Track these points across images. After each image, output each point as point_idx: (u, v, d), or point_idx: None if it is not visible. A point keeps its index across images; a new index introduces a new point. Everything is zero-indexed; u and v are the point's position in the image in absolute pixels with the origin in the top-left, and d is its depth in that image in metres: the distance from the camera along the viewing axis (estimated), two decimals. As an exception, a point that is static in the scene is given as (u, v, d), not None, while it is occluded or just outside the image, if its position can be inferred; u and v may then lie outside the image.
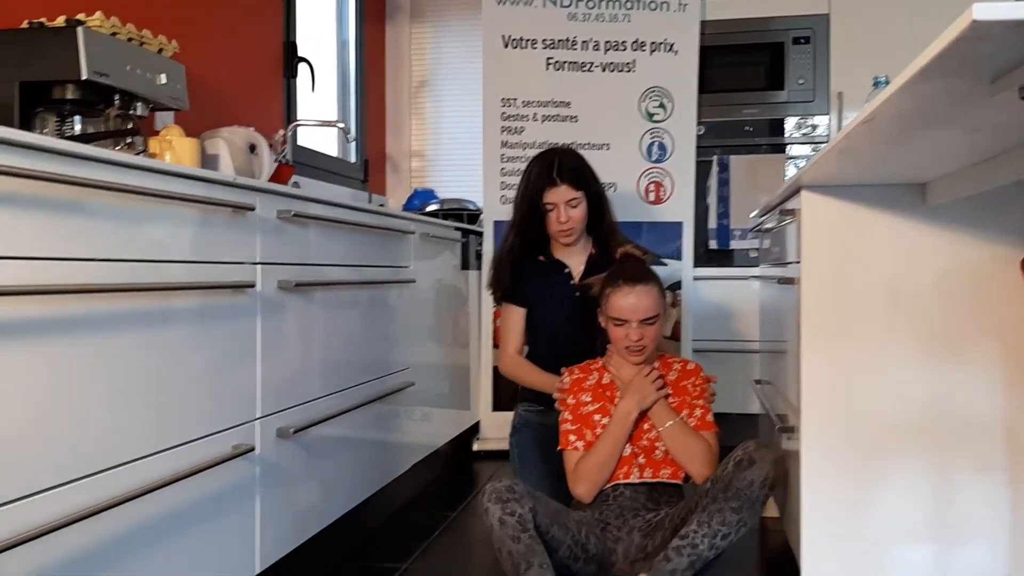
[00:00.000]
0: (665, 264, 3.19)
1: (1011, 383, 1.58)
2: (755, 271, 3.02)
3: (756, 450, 1.80)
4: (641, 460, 2.06)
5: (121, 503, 1.34)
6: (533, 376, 2.44)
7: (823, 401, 1.65)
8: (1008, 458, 1.59)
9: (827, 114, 3.52)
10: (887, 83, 1.34)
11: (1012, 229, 1.56)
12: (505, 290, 2.50)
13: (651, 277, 2.10)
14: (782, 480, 1.89)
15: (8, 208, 1.17)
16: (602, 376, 2.16)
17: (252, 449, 1.73)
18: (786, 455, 1.95)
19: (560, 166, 2.37)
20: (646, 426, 2.07)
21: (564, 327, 2.47)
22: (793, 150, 3.57)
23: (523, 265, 2.50)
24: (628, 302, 2.04)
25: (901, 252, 1.62)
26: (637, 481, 2.04)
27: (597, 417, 2.10)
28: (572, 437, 2.09)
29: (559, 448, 2.12)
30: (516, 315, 2.52)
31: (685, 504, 1.93)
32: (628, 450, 2.06)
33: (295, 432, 1.88)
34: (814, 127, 3.54)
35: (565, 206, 2.38)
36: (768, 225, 2.30)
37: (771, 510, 2.52)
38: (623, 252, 2.26)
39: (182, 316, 1.53)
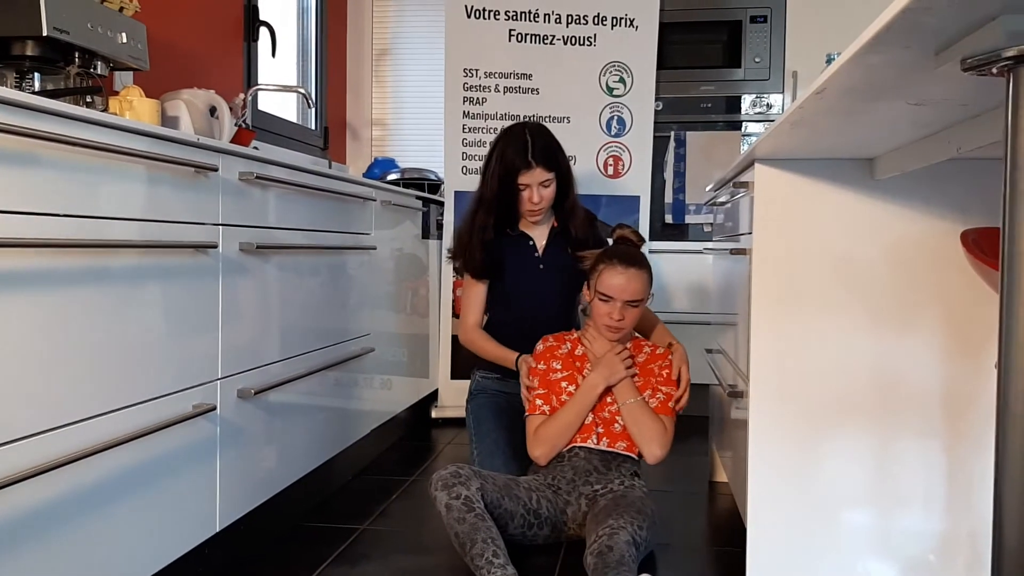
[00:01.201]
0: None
1: (949, 353, 1.65)
2: (709, 244, 3.08)
3: (609, 537, 1.79)
4: (600, 430, 2.12)
5: (79, 459, 1.34)
6: (492, 349, 2.47)
7: (772, 369, 1.70)
8: (945, 425, 1.65)
9: (782, 92, 3.58)
10: (840, 59, 1.38)
11: (954, 203, 1.62)
12: (476, 268, 2.52)
13: (644, 264, 2.17)
14: (649, 513, 1.94)
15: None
16: (575, 347, 2.22)
17: (213, 408, 1.74)
18: (734, 422, 2.01)
19: (534, 147, 2.37)
20: (609, 399, 2.13)
21: (530, 298, 2.51)
22: (749, 128, 3.62)
23: (491, 240, 2.52)
24: (619, 281, 2.10)
25: (850, 225, 1.67)
26: (593, 447, 2.10)
27: (564, 384, 2.16)
28: (539, 401, 2.15)
29: (527, 413, 2.17)
30: (479, 288, 2.54)
31: (612, 507, 1.94)
32: (589, 418, 2.12)
33: (256, 393, 1.89)
34: (769, 106, 3.60)
35: (538, 187, 2.39)
36: (722, 199, 2.35)
37: (720, 475, 2.60)
38: (620, 235, 2.31)
39: (144, 275, 1.53)
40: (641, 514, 1.91)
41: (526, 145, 2.38)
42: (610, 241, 2.39)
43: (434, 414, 3.45)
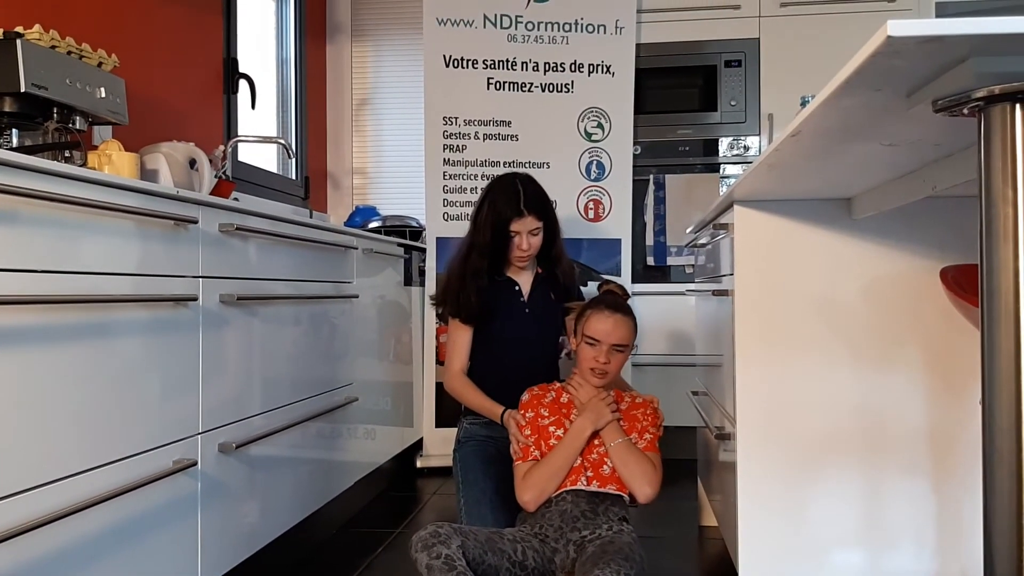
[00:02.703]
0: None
1: (934, 390, 1.65)
2: (691, 286, 3.09)
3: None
4: (589, 473, 2.11)
5: (58, 519, 1.32)
6: (478, 400, 2.46)
7: (758, 410, 1.70)
8: (932, 463, 1.65)
9: (758, 135, 3.63)
10: (814, 101, 1.40)
11: (932, 241, 1.64)
12: (471, 312, 2.52)
13: (630, 313, 2.23)
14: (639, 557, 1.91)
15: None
16: (559, 395, 2.24)
17: (194, 464, 1.72)
18: (722, 465, 2.00)
19: (526, 196, 2.44)
20: (596, 441, 2.14)
21: (517, 342, 2.51)
22: (727, 170, 3.66)
23: (485, 285, 2.53)
24: (605, 325, 2.15)
25: (830, 264, 1.68)
26: (582, 488, 2.09)
27: (552, 428, 2.16)
28: (533, 449, 2.15)
29: (516, 462, 2.16)
30: (466, 334, 2.54)
31: (599, 554, 1.92)
32: (577, 462, 2.11)
33: (237, 447, 1.86)
34: (746, 148, 3.64)
35: (528, 234, 2.45)
36: (703, 240, 2.36)
37: (709, 519, 2.57)
38: (606, 289, 2.36)
39: (123, 329, 1.52)
40: (628, 560, 1.88)
41: (518, 194, 2.44)
42: (586, 289, 2.43)
43: (419, 463, 3.41)
